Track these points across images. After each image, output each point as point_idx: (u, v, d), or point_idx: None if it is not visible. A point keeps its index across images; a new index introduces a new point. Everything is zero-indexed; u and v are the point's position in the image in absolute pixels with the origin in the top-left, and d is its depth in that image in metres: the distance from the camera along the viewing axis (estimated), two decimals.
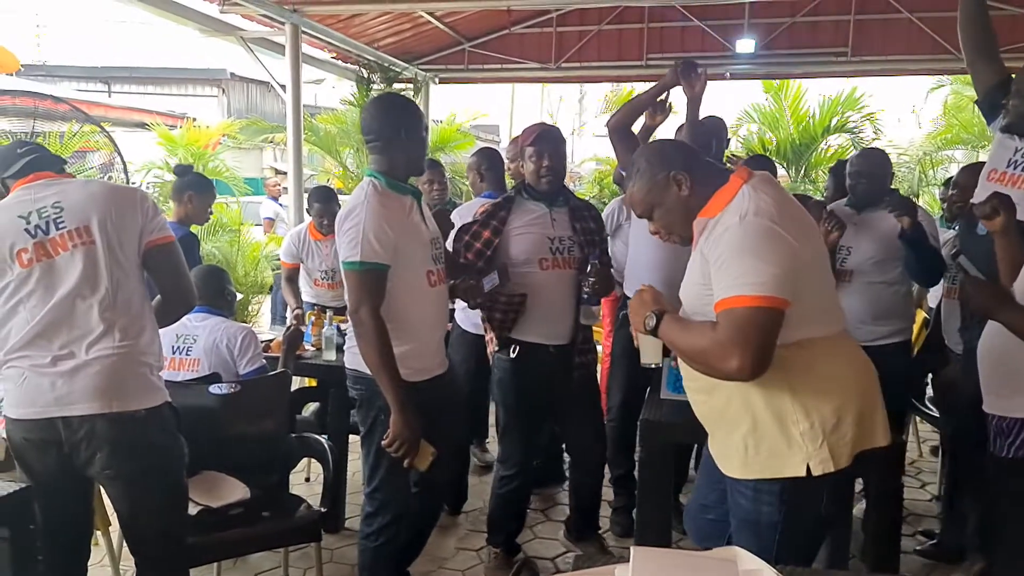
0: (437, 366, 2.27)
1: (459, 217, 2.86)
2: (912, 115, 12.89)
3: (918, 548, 2.95)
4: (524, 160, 2.58)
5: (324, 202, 3.86)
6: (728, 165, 3.11)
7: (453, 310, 3.03)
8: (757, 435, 1.56)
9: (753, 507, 1.59)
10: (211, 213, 3.38)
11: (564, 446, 3.23)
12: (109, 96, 14.82)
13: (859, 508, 2.96)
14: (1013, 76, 2.37)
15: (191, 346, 2.61)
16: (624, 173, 3.02)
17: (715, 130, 3.31)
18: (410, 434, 2.05)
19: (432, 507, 2.47)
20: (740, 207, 1.51)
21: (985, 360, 1.90)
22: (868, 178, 2.80)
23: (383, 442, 2.08)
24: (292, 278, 3.96)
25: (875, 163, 2.86)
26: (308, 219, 4.02)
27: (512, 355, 2.57)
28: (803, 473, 1.52)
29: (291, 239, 3.95)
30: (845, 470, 1.54)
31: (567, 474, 3.48)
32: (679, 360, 1.73)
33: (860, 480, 2.70)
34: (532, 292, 2.52)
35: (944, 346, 3.00)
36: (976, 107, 2.55)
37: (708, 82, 2.68)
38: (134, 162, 6.47)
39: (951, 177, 3.94)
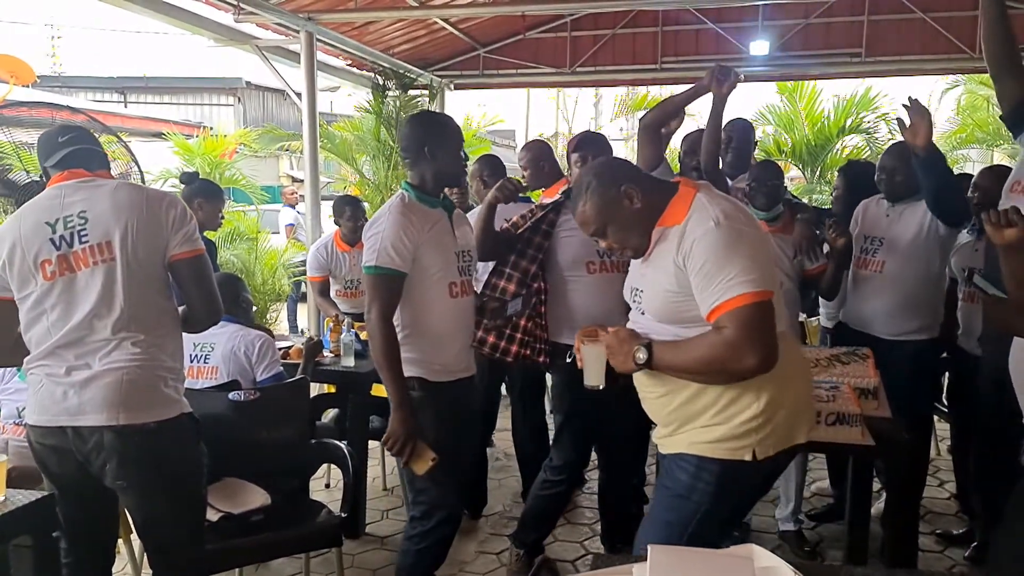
0: (462, 370, 2.31)
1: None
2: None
3: (966, 556, 2.91)
4: (570, 166, 2.65)
5: (355, 207, 3.88)
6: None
7: None
8: (719, 428, 1.61)
9: (690, 482, 1.64)
10: (222, 218, 3.39)
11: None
12: (125, 106, 14.96)
13: (877, 508, 2.93)
14: None
15: (209, 354, 2.63)
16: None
17: (741, 133, 3.30)
18: (404, 433, 2.11)
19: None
20: (707, 214, 1.57)
21: (1019, 374, 1.87)
22: (896, 172, 2.76)
23: (381, 440, 2.15)
24: (324, 291, 3.94)
25: (907, 156, 2.78)
26: (332, 231, 4.00)
27: (569, 360, 2.58)
28: (749, 458, 1.60)
29: (317, 252, 3.93)
30: (778, 457, 1.63)
31: (586, 477, 3.48)
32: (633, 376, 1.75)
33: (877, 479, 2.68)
34: (580, 297, 2.54)
35: (956, 345, 2.97)
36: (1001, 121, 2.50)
37: (737, 84, 2.70)
38: (151, 172, 6.53)
39: (961, 174, 3.89)
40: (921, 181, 2.65)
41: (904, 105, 2.59)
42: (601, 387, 1.80)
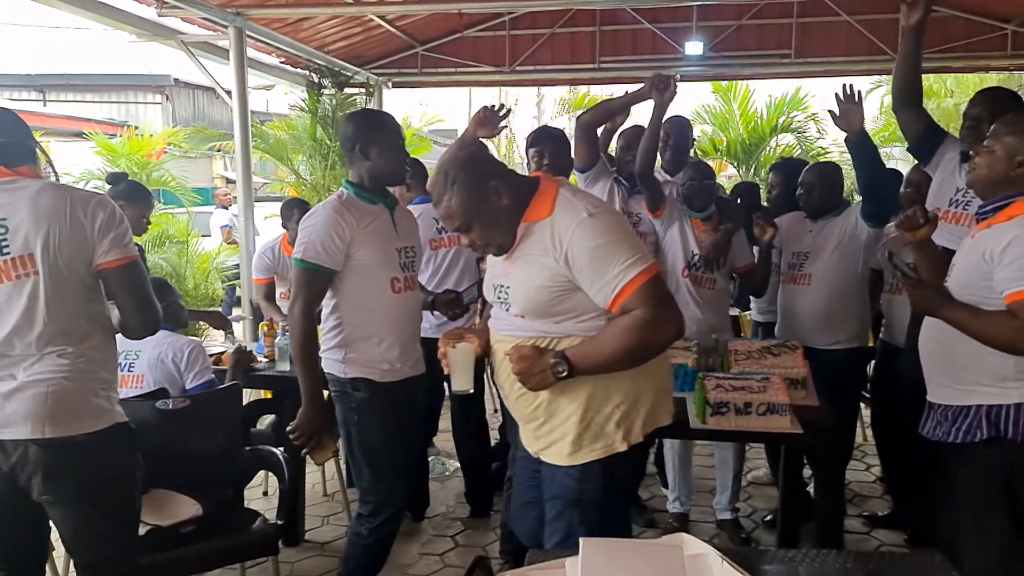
0: (409, 368, 2.29)
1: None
2: None
3: (906, 538, 3.05)
4: (528, 161, 2.70)
5: (302, 210, 3.78)
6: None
7: None
8: (587, 421, 1.66)
9: (579, 487, 1.69)
10: (148, 223, 3.25)
11: None
12: (44, 105, 14.32)
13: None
14: (958, 122, 2.45)
15: (134, 362, 2.54)
16: (582, 171, 3.07)
17: (680, 130, 3.36)
18: (311, 427, 2.16)
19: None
20: (574, 207, 1.60)
21: (928, 353, 1.96)
22: (820, 189, 2.90)
23: (287, 428, 2.19)
24: (270, 295, 3.83)
25: (827, 175, 2.97)
26: (279, 234, 3.89)
27: None
28: (624, 448, 1.66)
29: (263, 255, 3.83)
30: (647, 439, 1.72)
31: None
32: (496, 372, 1.77)
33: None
34: None
35: (880, 338, 3.10)
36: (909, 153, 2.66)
37: (676, 93, 2.77)
38: (71, 173, 6.24)
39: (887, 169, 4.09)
40: (856, 169, 2.75)
41: (836, 95, 2.67)
42: (471, 391, 1.78)
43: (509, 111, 2.47)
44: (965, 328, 1.75)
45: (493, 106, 2.47)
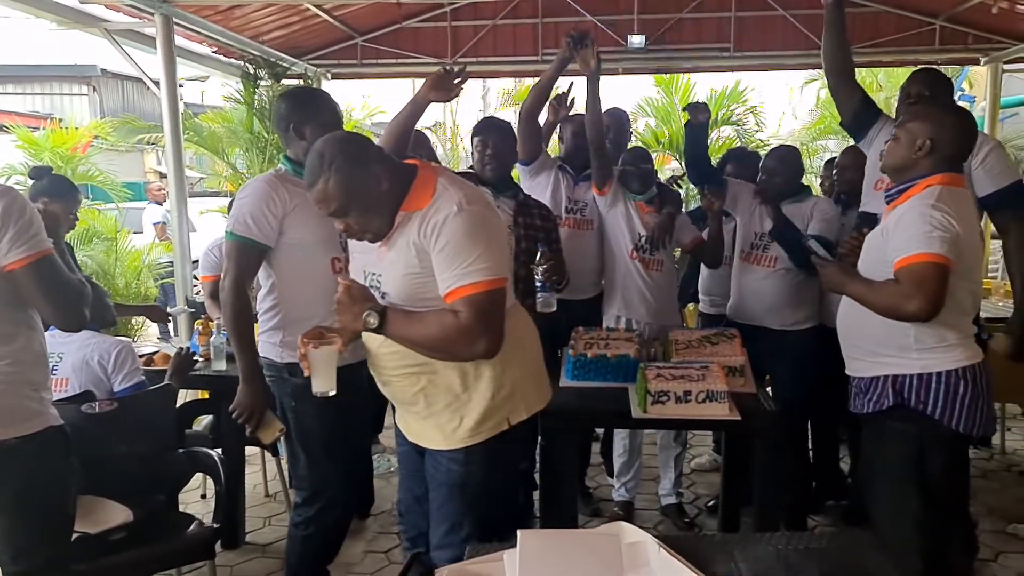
0: (349, 354, 2.21)
1: None
2: (791, 108, 13.75)
3: (843, 515, 3.14)
4: (472, 150, 2.73)
5: None
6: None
7: None
8: (467, 404, 1.68)
9: (464, 470, 1.71)
10: (75, 219, 3.10)
11: None
12: None
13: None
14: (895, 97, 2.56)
15: (57, 364, 2.41)
16: (526, 163, 3.06)
17: (618, 122, 3.39)
18: (252, 404, 2.13)
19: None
20: (450, 197, 1.59)
21: (842, 330, 2.08)
22: (782, 174, 2.97)
23: (228, 408, 2.16)
24: (215, 294, 3.68)
25: (787, 159, 3.05)
26: (221, 231, 3.77)
27: None
28: (506, 427, 1.69)
29: (210, 253, 3.69)
30: (528, 420, 1.74)
31: None
32: (370, 360, 1.77)
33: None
34: None
35: None
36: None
37: (601, 57, 2.81)
38: None
39: (832, 158, 4.22)
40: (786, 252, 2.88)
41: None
42: (332, 393, 1.71)
43: (466, 75, 2.43)
44: (864, 300, 1.87)
45: (451, 69, 2.43)
